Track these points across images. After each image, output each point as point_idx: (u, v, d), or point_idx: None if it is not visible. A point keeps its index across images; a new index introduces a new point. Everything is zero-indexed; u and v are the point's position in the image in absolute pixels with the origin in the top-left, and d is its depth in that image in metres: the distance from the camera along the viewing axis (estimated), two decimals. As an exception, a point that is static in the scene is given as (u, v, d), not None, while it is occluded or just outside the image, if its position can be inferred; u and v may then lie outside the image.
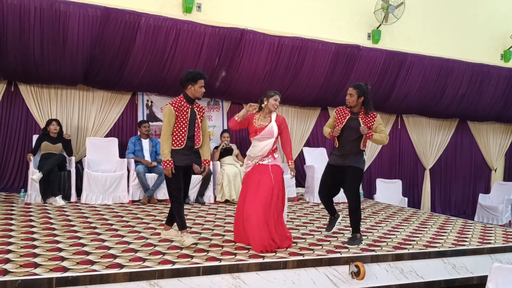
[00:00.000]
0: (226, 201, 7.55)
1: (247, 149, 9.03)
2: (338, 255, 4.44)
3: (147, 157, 7.41)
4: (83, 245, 4.34)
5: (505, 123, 11.32)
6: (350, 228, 5.51)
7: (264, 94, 4.92)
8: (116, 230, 5.09)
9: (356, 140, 5.00)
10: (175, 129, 4.53)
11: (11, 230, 4.81)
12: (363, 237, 5.16)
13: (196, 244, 4.60)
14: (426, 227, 6.26)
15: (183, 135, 4.54)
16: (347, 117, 5.03)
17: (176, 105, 4.54)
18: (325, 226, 5.60)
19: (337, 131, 5.00)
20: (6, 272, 3.38)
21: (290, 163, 4.85)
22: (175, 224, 4.77)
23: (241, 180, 7.49)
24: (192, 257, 4.08)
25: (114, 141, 7.67)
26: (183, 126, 4.54)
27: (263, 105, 4.86)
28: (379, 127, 4.99)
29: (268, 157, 4.73)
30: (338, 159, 5.10)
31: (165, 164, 4.48)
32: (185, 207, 6.86)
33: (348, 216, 5.10)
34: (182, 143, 4.53)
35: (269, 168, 4.68)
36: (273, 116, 4.83)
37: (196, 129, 4.63)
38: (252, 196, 4.58)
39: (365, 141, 5.04)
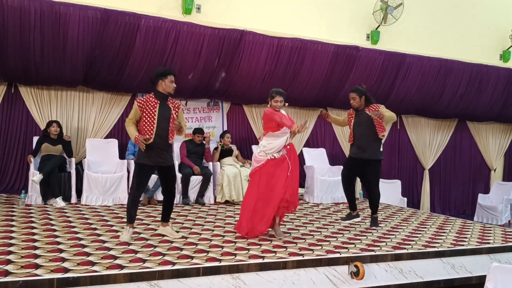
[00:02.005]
0: (226, 202, 7.56)
1: (247, 150, 9.13)
2: (337, 255, 4.46)
3: (147, 158, 7.42)
4: (84, 246, 4.36)
5: (504, 123, 11.34)
6: (350, 228, 5.77)
7: (269, 93, 5.20)
8: (117, 231, 5.10)
9: (370, 133, 5.71)
10: (142, 125, 4.66)
11: (12, 232, 4.83)
12: (362, 237, 5.27)
13: (196, 244, 4.62)
14: (425, 227, 6.27)
15: (150, 131, 4.63)
16: (353, 114, 5.88)
17: (141, 102, 4.67)
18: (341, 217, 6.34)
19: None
20: (7, 273, 3.40)
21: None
22: (171, 221, 4.95)
23: (241, 181, 7.57)
24: (192, 257, 4.10)
25: (114, 142, 7.69)
26: (151, 122, 4.63)
27: (268, 105, 5.16)
28: (383, 109, 5.65)
29: (283, 149, 5.10)
30: (358, 153, 5.83)
31: (135, 140, 4.59)
32: (185, 207, 6.94)
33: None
34: (150, 139, 4.62)
35: (286, 157, 5.09)
36: (284, 112, 5.16)
37: (170, 126, 4.70)
38: (268, 190, 4.95)
39: (379, 128, 5.66)
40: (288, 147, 5.17)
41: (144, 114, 4.65)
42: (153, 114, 4.63)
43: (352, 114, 5.93)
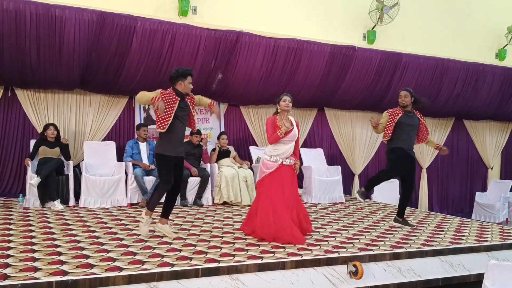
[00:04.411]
0: (224, 203, 7.56)
1: (244, 151, 9.12)
2: (336, 255, 4.47)
3: (145, 160, 7.43)
4: (82, 248, 4.35)
5: (501, 121, 11.38)
6: (349, 228, 5.81)
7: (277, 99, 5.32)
8: (115, 233, 5.10)
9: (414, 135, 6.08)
10: (158, 114, 4.73)
11: (10, 235, 4.82)
12: (360, 237, 5.30)
13: (195, 246, 4.63)
14: (423, 226, 6.29)
15: (164, 123, 4.73)
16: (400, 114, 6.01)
17: (165, 94, 4.77)
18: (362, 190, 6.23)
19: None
20: (6, 276, 3.40)
21: (296, 163, 5.26)
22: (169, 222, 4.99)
23: (239, 182, 7.57)
24: (191, 259, 4.10)
25: (111, 145, 7.68)
26: (168, 115, 4.72)
27: (278, 111, 5.24)
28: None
29: (291, 157, 5.18)
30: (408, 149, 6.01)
31: (155, 100, 4.67)
32: (183, 209, 6.93)
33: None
34: (164, 128, 4.74)
35: (293, 168, 5.20)
36: (293, 120, 5.22)
37: (189, 121, 4.94)
38: (286, 195, 5.05)
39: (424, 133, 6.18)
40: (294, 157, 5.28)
41: (167, 104, 4.73)
42: (171, 109, 4.73)
43: (398, 114, 5.94)
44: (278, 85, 8.43)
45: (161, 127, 4.73)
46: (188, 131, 7.89)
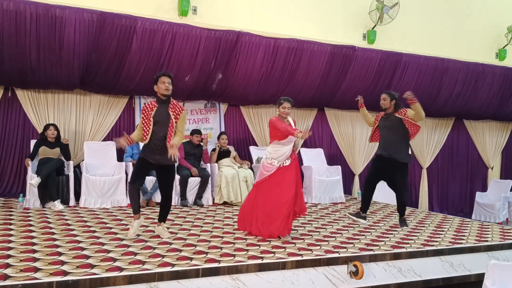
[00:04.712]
0: (225, 203, 7.56)
1: (244, 151, 9.12)
2: (336, 255, 4.47)
3: (145, 160, 7.42)
4: (83, 248, 4.36)
5: (501, 121, 11.37)
6: (350, 228, 5.87)
7: (278, 100, 5.34)
8: (115, 233, 5.10)
9: (398, 135, 5.95)
10: (143, 127, 4.85)
11: (11, 235, 4.82)
12: (361, 237, 5.32)
13: (195, 246, 4.63)
14: (423, 226, 6.29)
15: (146, 133, 4.81)
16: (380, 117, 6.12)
17: (144, 107, 4.92)
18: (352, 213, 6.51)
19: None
20: (6, 277, 3.40)
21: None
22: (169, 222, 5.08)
23: (239, 182, 7.57)
24: (191, 259, 4.10)
25: (112, 145, 7.67)
26: (147, 125, 4.82)
27: (277, 113, 5.27)
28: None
29: (289, 157, 5.23)
30: (386, 154, 6.00)
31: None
32: (183, 209, 6.94)
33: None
34: (146, 139, 4.82)
35: (293, 166, 5.22)
36: (291, 121, 5.27)
37: (169, 130, 4.80)
38: (278, 193, 5.08)
39: (412, 128, 5.91)
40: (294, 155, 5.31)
41: (143, 117, 4.85)
42: (149, 117, 4.81)
43: (379, 117, 6.15)
44: (278, 85, 8.43)
45: (144, 139, 4.83)
46: (188, 131, 7.94)
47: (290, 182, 5.16)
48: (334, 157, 9.67)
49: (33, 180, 6.48)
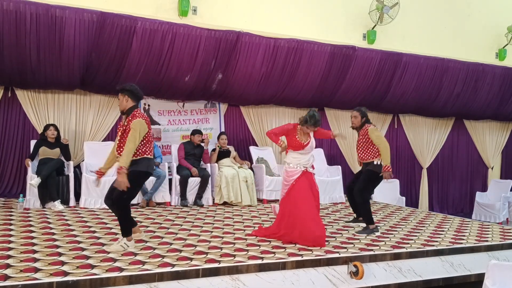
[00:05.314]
0: (225, 203, 7.56)
1: (244, 151, 9.11)
2: (336, 255, 4.47)
3: (145, 160, 7.41)
4: (83, 249, 4.36)
5: (501, 121, 11.37)
6: (350, 228, 5.92)
7: (303, 117, 5.29)
8: (115, 233, 5.10)
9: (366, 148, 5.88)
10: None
11: (11, 236, 4.82)
12: (361, 237, 5.32)
13: (195, 246, 4.63)
14: (423, 226, 6.29)
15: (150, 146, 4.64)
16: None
17: (145, 117, 4.59)
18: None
19: None
20: (6, 277, 3.40)
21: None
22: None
23: (239, 182, 7.57)
24: (191, 259, 4.10)
25: (112, 145, 7.65)
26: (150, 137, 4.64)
27: (300, 126, 5.29)
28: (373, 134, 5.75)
29: (312, 166, 5.29)
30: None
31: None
32: (183, 209, 6.94)
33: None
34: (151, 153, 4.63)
35: (314, 177, 5.29)
36: (311, 133, 5.36)
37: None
38: (310, 199, 5.07)
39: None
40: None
41: (149, 131, 4.61)
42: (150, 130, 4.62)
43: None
44: (278, 85, 8.43)
45: (149, 153, 4.59)
46: (188, 131, 7.95)
47: (318, 193, 5.30)
48: (334, 157, 9.66)
49: (33, 180, 6.48)
